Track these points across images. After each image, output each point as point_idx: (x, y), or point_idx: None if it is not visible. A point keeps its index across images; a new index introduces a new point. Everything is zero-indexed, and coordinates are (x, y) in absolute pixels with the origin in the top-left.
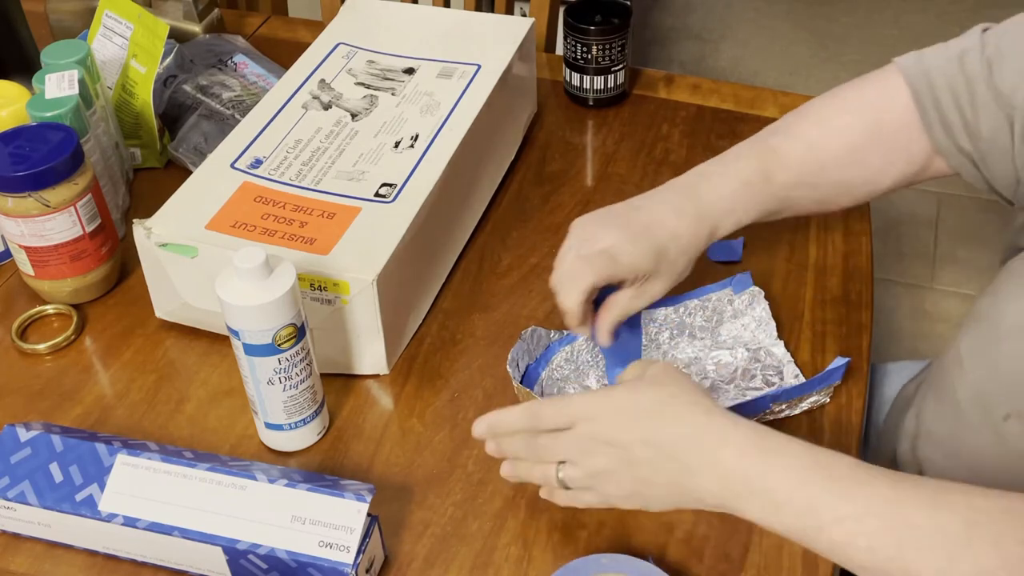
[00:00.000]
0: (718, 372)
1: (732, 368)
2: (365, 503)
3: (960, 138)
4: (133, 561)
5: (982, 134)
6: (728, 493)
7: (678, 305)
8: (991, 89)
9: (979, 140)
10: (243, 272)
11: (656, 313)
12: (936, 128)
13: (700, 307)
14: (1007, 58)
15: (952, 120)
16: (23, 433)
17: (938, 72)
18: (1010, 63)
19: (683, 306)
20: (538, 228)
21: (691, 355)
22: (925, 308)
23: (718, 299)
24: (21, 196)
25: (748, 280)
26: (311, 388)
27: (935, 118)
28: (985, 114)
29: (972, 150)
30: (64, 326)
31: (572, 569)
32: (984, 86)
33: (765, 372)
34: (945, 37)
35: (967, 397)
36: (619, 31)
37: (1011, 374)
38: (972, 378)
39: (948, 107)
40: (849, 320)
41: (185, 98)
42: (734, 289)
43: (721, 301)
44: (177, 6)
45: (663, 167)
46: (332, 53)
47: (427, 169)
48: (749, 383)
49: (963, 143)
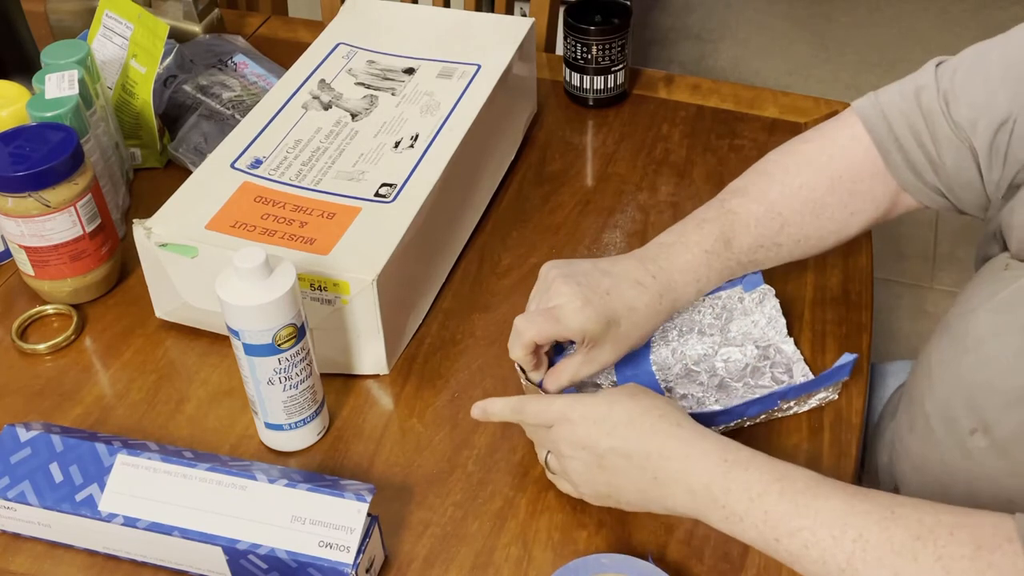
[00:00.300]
0: (727, 369)
1: (741, 365)
2: (365, 503)
3: (926, 175)
4: (133, 561)
5: (947, 167)
6: (694, 504)
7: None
8: (949, 123)
9: (944, 174)
10: (243, 272)
11: None
12: (901, 169)
13: (710, 305)
14: (962, 91)
15: (915, 159)
16: (23, 433)
17: (896, 111)
18: (965, 96)
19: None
20: (538, 228)
21: (700, 352)
22: (925, 308)
23: (728, 297)
24: (21, 196)
25: (759, 279)
26: (311, 388)
27: (899, 160)
28: (947, 148)
29: (939, 184)
30: (64, 326)
31: (572, 569)
32: (943, 120)
33: (774, 369)
34: (945, 37)
35: (935, 411)
36: (619, 31)
37: (975, 387)
38: (939, 391)
39: (910, 146)
40: (849, 320)
41: (185, 98)
42: (744, 287)
43: (731, 299)
44: (177, 6)
45: (663, 167)
46: (332, 53)
47: (427, 169)
48: (758, 381)
49: (929, 179)
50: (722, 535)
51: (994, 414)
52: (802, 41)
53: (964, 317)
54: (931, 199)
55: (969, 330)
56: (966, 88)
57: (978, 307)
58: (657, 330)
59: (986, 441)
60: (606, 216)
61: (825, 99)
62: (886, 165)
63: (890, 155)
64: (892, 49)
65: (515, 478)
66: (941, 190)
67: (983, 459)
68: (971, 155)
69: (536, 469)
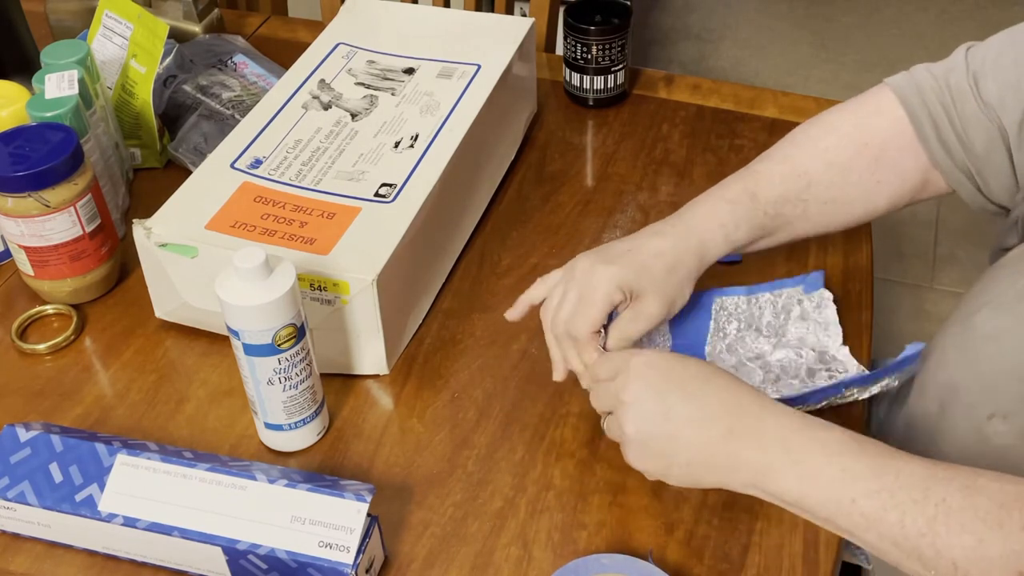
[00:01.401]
0: (783, 367)
1: (797, 365)
2: (365, 503)
3: (955, 152)
4: (133, 561)
5: (976, 150)
6: (765, 461)
7: (750, 296)
8: (979, 102)
9: (974, 155)
10: (243, 272)
11: (727, 301)
12: (933, 143)
13: (771, 302)
14: (991, 71)
15: (946, 135)
16: (23, 433)
17: (929, 89)
18: (993, 75)
19: (755, 297)
20: (538, 228)
21: (755, 351)
22: (925, 308)
23: (788, 296)
24: (21, 196)
25: (820, 281)
26: (311, 388)
27: (931, 134)
28: (977, 129)
29: (968, 163)
30: (64, 326)
31: (572, 569)
32: (973, 101)
33: (830, 372)
34: (945, 37)
35: (950, 397)
36: (619, 31)
37: (994, 374)
38: (955, 378)
39: (941, 121)
40: (849, 320)
41: (185, 98)
42: (805, 288)
43: (791, 299)
44: (177, 6)
45: (663, 167)
46: (332, 53)
47: (427, 169)
48: (815, 381)
49: (958, 157)
50: (722, 535)
51: (1015, 402)
52: (802, 41)
53: (982, 307)
54: (959, 182)
55: (988, 319)
56: (997, 68)
57: (998, 297)
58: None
59: (1006, 426)
60: (606, 216)
61: (825, 99)
62: (918, 137)
63: (922, 127)
64: (892, 49)
65: (515, 478)
66: (970, 170)
67: (1001, 443)
68: (1000, 136)
69: (536, 469)
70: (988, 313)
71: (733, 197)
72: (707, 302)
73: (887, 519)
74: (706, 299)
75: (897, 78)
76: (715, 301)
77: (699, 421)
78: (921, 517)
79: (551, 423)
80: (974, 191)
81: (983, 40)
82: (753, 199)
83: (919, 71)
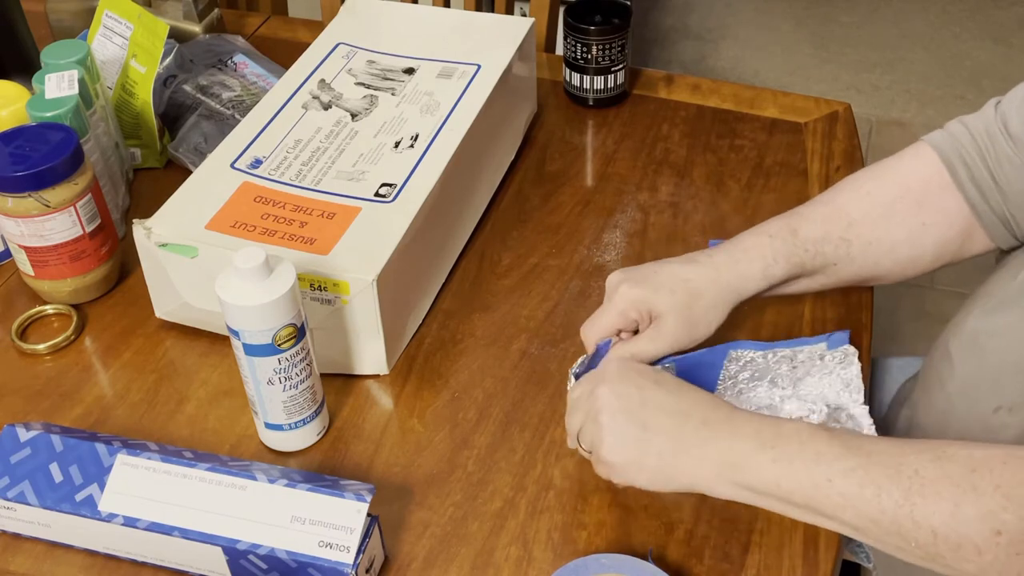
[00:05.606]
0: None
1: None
2: (365, 503)
3: (991, 195)
4: (133, 561)
5: (1010, 193)
6: (740, 448)
7: (767, 351)
8: (1007, 141)
9: (1008, 199)
10: (243, 272)
11: (742, 353)
12: (967, 185)
13: (789, 357)
14: (1016, 111)
15: (981, 177)
16: (23, 433)
17: (962, 134)
18: (1018, 113)
19: (772, 352)
20: (538, 228)
21: (766, 402)
22: (925, 308)
23: (809, 352)
24: (21, 196)
25: (844, 338)
26: (311, 388)
27: (964, 175)
28: (1009, 168)
29: (1005, 208)
30: (64, 326)
31: (572, 569)
32: (1002, 140)
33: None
34: (945, 37)
35: (956, 391)
36: (619, 31)
37: (1002, 368)
38: (961, 372)
39: (975, 165)
40: (849, 320)
41: (185, 98)
42: (828, 345)
43: (812, 355)
44: (177, 6)
45: (663, 167)
46: (332, 53)
47: (427, 169)
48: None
49: (994, 201)
50: (722, 535)
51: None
52: (802, 41)
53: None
54: (998, 230)
55: (997, 316)
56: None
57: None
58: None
59: (1012, 419)
60: (606, 216)
61: (825, 99)
62: (952, 180)
63: (956, 171)
64: (892, 49)
65: (515, 478)
66: (1005, 214)
67: (1008, 436)
68: None
69: (536, 469)
70: (992, 308)
71: (774, 232)
72: (719, 352)
73: (864, 495)
74: (719, 350)
75: (933, 133)
76: (728, 353)
77: (674, 412)
78: (897, 490)
79: (551, 423)
80: (1008, 236)
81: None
82: (794, 234)
83: (952, 124)
